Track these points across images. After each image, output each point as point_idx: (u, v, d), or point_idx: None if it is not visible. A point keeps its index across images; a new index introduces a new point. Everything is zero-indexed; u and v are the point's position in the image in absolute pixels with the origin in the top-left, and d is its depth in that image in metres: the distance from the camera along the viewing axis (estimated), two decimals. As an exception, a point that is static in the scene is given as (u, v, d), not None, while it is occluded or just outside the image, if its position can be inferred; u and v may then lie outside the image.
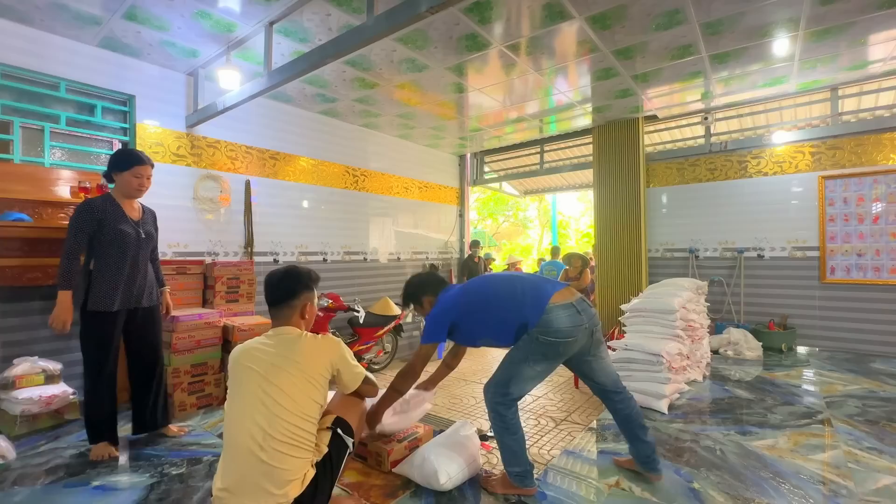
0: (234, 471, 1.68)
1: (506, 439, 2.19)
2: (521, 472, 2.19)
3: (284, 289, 1.94)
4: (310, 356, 1.83)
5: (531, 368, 2.16)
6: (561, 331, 2.09)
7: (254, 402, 1.72)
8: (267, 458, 1.65)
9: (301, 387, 1.76)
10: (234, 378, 1.81)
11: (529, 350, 2.15)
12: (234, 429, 1.73)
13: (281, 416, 1.69)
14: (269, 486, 1.64)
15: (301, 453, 1.72)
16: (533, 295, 2.19)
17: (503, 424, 2.18)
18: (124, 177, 2.61)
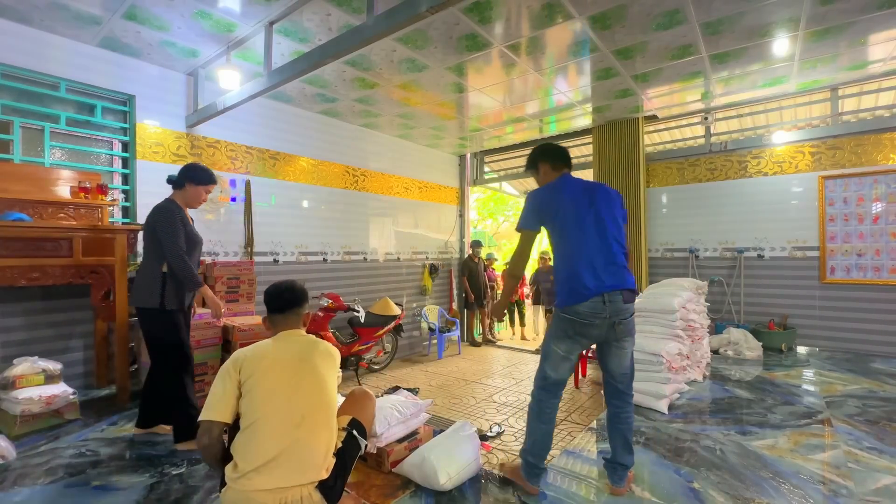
0: (266, 451, 1.69)
1: (533, 424, 2.27)
2: (533, 464, 2.23)
3: (293, 298, 2.02)
4: (328, 358, 1.95)
5: (558, 346, 2.21)
6: (579, 313, 2.12)
7: (289, 386, 1.78)
8: (302, 435, 1.71)
9: (326, 379, 1.88)
10: (262, 366, 1.82)
11: (556, 325, 2.22)
12: (268, 409, 1.74)
13: (317, 398, 1.80)
14: (302, 463, 1.70)
15: (330, 436, 1.80)
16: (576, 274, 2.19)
17: (537, 409, 2.26)
18: (198, 189, 2.77)
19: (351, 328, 5.01)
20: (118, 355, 3.44)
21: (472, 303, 7.17)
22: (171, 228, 2.58)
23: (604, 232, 2.19)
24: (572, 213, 2.22)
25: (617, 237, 2.22)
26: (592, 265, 2.14)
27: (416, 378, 5.11)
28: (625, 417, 2.27)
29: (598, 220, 2.21)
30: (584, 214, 2.21)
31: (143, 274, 2.67)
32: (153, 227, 2.62)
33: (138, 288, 2.66)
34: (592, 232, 2.19)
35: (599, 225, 2.20)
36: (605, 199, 2.28)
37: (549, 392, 2.25)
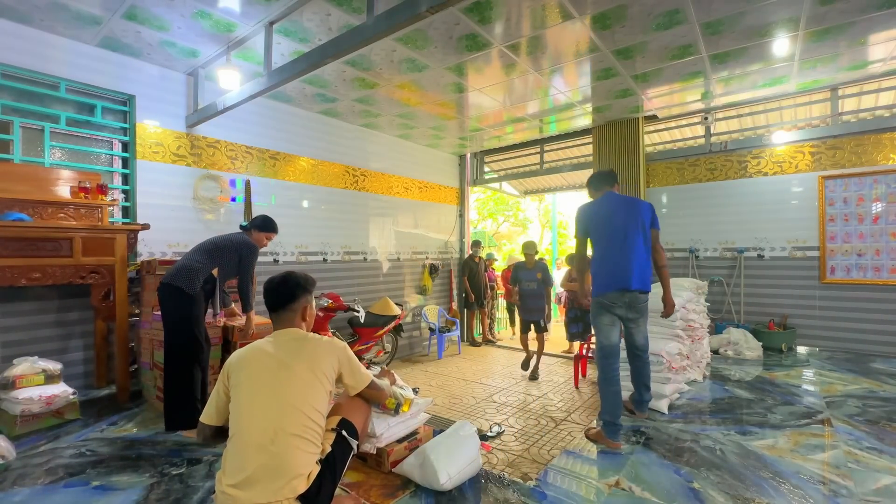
0: (243, 466, 1.67)
1: (603, 387, 2.86)
2: (611, 422, 2.74)
3: (283, 294, 1.97)
4: (317, 354, 1.87)
5: (600, 320, 2.93)
6: (605, 294, 2.89)
7: (264, 397, 1.74)
8: (277, 451, 1.66)
9: (310, 382, 1.79)
10: (242, 376, 1.81)
11: (594, 306, 2.97)
12: (244, 424, 1.73)
13: (292, 409, 1.72)
14: (277, 479, 1.64)
15: (310, 447, 1.73)
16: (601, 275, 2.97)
17: (602, 374, 2.88)
18: (261, 236, 3.39)
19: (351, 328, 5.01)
20: (118, 355, 3.44)
21: (472, 303, 7.16)
22: (254, 260, 3.26)
23: (625, 240, 2.92)
24: (605, 226, 2.99)
25: (639, 244, 2.94)
26: (614, 266, 2.90)
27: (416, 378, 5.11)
28: (645, 373, 3.11)
29: (625, 232, 2.93)
30: (615, 226, 2.96)
31: (193, 269, 2.97)
32: (240, 252, 3.17)
33: (185, 274, 2.94)
34: (618, 241, 2.92)
35: (626, 236, 2.92)
36: (636, 212, 3.02)
37: (609, 358, 2.86)
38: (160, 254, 4.07)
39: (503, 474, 2.44)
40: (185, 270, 2.94)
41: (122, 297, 3.43)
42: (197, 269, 2.96)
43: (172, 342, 2.90)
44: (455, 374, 5.28)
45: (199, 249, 3.11)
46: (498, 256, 9.49)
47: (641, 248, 2.94)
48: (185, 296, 2.88)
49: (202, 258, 3.03)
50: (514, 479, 2.39)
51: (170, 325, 2.92)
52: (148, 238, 3.93)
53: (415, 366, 5.78)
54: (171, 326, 2.91)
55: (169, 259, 3.89)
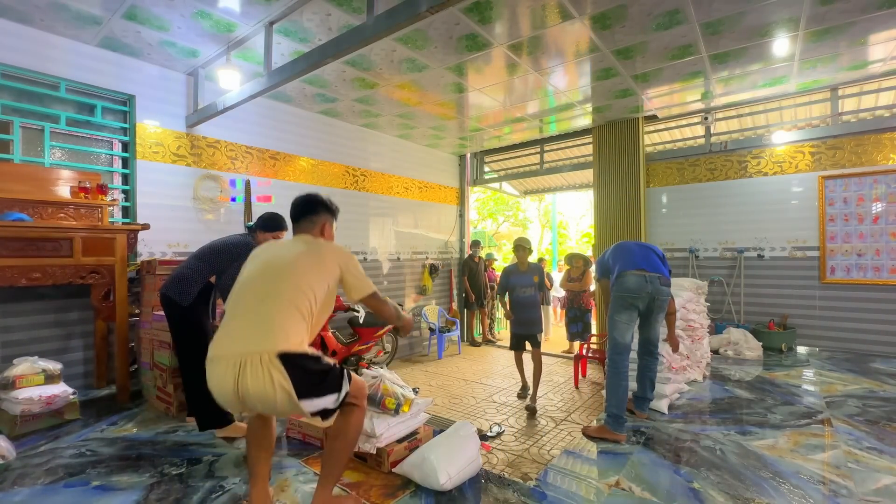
0: (229, 329, 1.71)
1: (612, 381, 2.93)
2: (617, 414, 2.83)
3: (308, 204, 2.07)
4: (323, 249, 1.93)
5: (619, 316, 2.98)
6: (630, 289, 2.95)
7: (264, 272, 1.83)
8: (265, 310, 1.70)
9: (311, 267, 1.84)
10: (249, 262, 1.93)
11: (614, 304, 3.01)
12: (240, 292, 1.81)
13: (289, 280, 1.77)
14: (259, 332, 1.65)
15: (299, 320, 1.72)
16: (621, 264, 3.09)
17: (614, 369, 2.95)
18: (267, 236, 2.96)
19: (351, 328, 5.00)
20: (118, 355, 3.44)
21: (472, 303, 7.16)
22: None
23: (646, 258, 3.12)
24: (628, 250, 3.20)
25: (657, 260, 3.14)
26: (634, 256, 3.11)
27: (416, 378, 5.11)
28: (654, 369, 3.21)
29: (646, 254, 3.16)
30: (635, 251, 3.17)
31: (185, 277, 2.78)
32: (238, 257, 2.67)
33: (176, 284, 2.78)
34: (639, 253, 3.13)
35: (646, 256, 3.13)
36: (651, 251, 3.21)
37: (622, 354, 2.96)
38: (160, 254, 4.07)
39: (503, 474, 2.44)
40: (177, 280, 2.79)
41: (122, 297, 3.43)
42: (189, 277, 2.77)
43: (179, 352, 2.84)
44: (455, 374, 5.28)
45: (194, 255, 2.92)
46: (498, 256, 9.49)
47: (659, 263, 3.16)
48: (178, 307, 2.73)
49: (196, 265, 2.82)
50: (514, 479, 2.39)
51: (173, 334, 2.85)
52: (148, 238, 3.93)
53: (415, 366, 5.78)
54: (175, 336, 2.85)
55: (169, 259, 3.89)
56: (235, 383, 1.61)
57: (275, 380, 1.58)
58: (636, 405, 3.23)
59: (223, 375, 1.64)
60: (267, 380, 1.58)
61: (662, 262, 3.15)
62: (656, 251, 3.22)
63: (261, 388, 1.59)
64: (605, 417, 2.90)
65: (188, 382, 2.83)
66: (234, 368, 1.61)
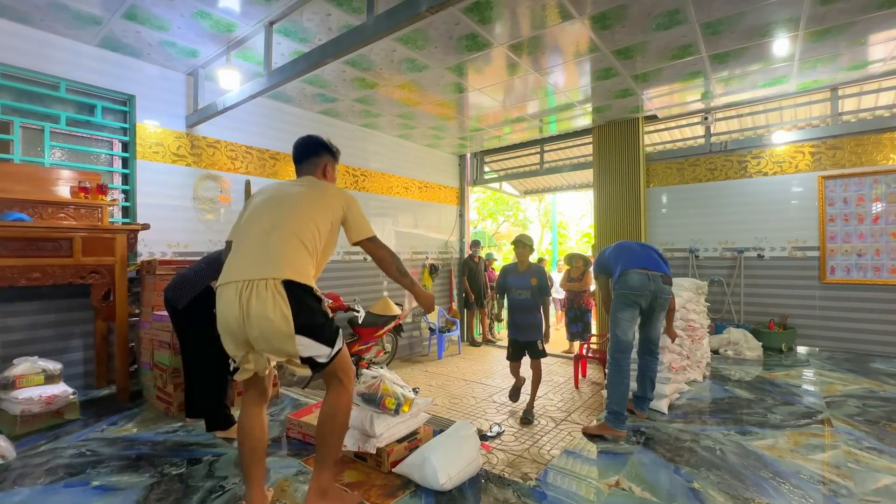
0: (236, 260, 1.78)
1: (614, 379, 2.94)
2: (618, 411, 2.84)
3: (309, 145, 2.11)
4: (328, 189, 1.99)
5: (622, 314, 2.97)
6: (633, 287, 2.95)
7: (270, 206, 1.89)
8: (272, 240, 1.77)
9: (315, 204, 1.90)
10: (255, 197, 1.99)
11: (616, 303, 3.01)
12: (245, 226, 1.87)
13: (294, 214, 1.84)
14: (265, 260, 1.72)
15: (303, 252, 1.79)
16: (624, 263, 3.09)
17: (616, 367, 2.95)
18: None
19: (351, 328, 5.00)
20: (118, 355, 3.44)
21: (472, 303, 7.16)
22: None
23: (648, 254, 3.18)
24: (628, 249, 3.23)
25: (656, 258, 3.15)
26: (636, 255, 3.13)
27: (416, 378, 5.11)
28: (654, 368, 3.19)
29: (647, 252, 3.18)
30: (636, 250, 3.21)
31: (185, 278, 2.77)
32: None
33: (173, 284, 2.77)
34: (640, 252, 3.15)
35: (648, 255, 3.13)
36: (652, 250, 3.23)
37: (624, 353, 2.96)
38: (160, 254, 4.07)
39: (503, 474, 2.44)
40: (177, 281, 2.77)
41: (122, 297, 3.43)
42: (189, 279, 2.74)
43: (181, 353, 2.83)
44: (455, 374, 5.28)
45: (204, 257, 2.87)
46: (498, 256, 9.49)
47: (661, 261, 3.19)
48: (174, 309, 2.73)
49: (199, 267, 2.78)
50: (514, 479, 2.39)
51: (178, 337, 2.84)
52: (148, 238, 3.93)
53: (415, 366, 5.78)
54: (178, 338, 2.84)
55: (169, 259, 3.89)
56: (241, 307, 1.68)
57: (276, 304, 1.66)
58: (636, 405, 3.23)
59: (231, 300, 1.70)
60: (269, 303, 1.66)
61: (663, 261, 3.17)
62: (656, 250, 3.25)
63: (262, 311, 1.66)
64: (606, 415, 2.92)
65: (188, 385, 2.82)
66: (240, 292, 1.69)
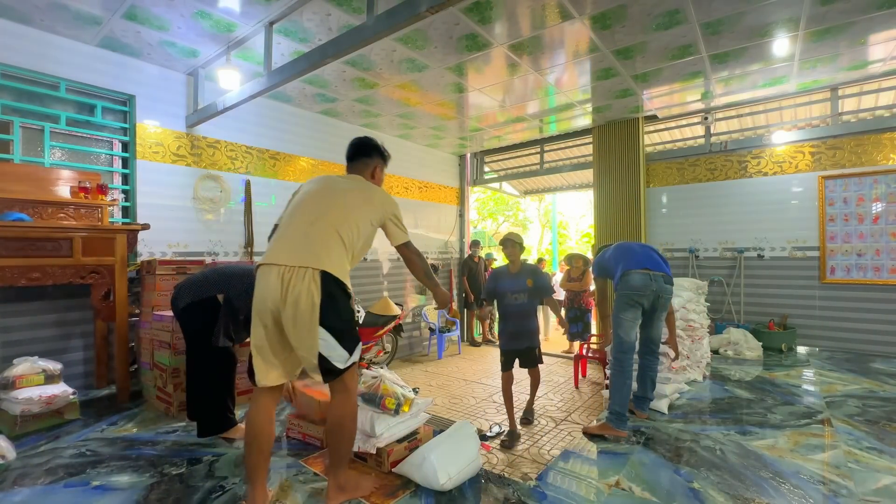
0: (279, 244, 1.94)
1: (617, 380, 2.94)
2: (620, 412, 2.86)
3: (363, 146, 2.25)
4: (375, 193, 2.13)
5: (625, 315, 2.98)
6: (635, 287, 2.96)
7: (316, 198, 2.03)
8: (314, 232, 1.92)
9: (360, 205, 2.04)
10: (307, 185, 2.13)
11: (619, 303, 3.01)
12: (293, 212, 2.02)
13: (338, 210, 1.98)
14: (306, 249, 1.88)
15: (341, 248, 1.93)
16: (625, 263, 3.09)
17: (619, 367, 2.96)
18: None
19: (351, 328, 4.99)
20: (118, 355, 3.44)
21: (472, 303, 7.16)
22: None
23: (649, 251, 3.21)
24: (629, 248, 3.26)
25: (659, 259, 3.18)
26: (637, 255, 3.14)
27: (416, 378, 5.11)
28: (655, 368, 3.22)
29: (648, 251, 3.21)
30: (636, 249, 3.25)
31: (192, 282, 2.78)
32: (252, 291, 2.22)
33: (179, 287, 2.80)
34: (642, 256, 3.12)
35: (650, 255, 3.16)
36: (652, 251, 3.24)
37: (627, 353, 2.96)
38: (160, 254, 4.07)
39: (503, 474, 2.44)
40: (184, 282, 2.79)
41: (122, 297, 3.43)
42: (196, 283, 2.77)
43: (186, 352, 2.83)
44: (455, 374, 5.28)
45: (217, 267, 2.89)
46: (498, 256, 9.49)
47: (661, 262, 3.20)
48: (176, 308, 2.74)
49: (211, 276, 2.79)
50: (514, 479, 2.39)
51: (183, 331, 2.84)
52: (148, 238, 3.93)
53: (415, 366, 5.78)
54: (184, 334, 2.84)
55: (169, 259, 3.89)
56: (282, 289, 1.83)
57: (310, 293, 1.82)
58: (637, 405, 3.23)
59: (273, 282, 1.85)
60: (304, 288, 1.82)
61: (663, 261, 3.19)
62: (656, 251, 3.26)
63: (297, 294, 1.81)
64: (608, 415, 2.92)
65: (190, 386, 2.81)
66: (282, 275, 1.84)
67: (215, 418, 2.75)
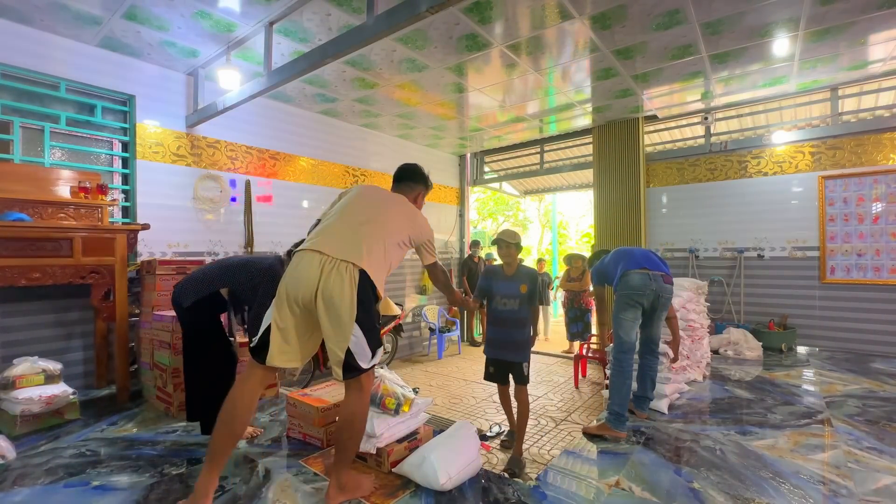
0: (329, 231, 2.02)
1: (616, 380, 2.93)
2: (619, 412, 2.84)
3: (411, 174, 2.41)
4: (418, 215, 2.26)
5: (625, 315, 2.99)
6: (635, 287, 2.96)
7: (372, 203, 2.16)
8: (362, 231, 2.00)
9: (404, 220, 2.17)
10: (352, 190, 2.26)
11: (619, 303, 3.02)
12: (346, 209, 2.11)
13: (385, 217, 2.11)
14: (351, 246, 1.95)
15: (381, 249, 2.01)
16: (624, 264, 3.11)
17: (619, 368, 2.94)
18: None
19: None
20: (118, 355, 3.44)
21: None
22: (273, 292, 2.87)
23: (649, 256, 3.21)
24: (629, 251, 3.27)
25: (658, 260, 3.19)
26: (636, 254, 3.19)
27: (416, 378, 5.11)
28: (655, 367, 3.22)
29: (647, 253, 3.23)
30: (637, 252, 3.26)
31: (195, 278, 2.73)
32: (258, 280, 2.58)
33: (183, 284, 2.73)
34: (641, 257, 3.14)
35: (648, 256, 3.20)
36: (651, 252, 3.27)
37: (628, 353, 2.95)
38: (160, 254, 4.07)
39: (503, 474, 2.44)
40: (187, 280, 2.76)
41: (122, 297, 3.43)
42: (200, 280, 2.73)
43: (183, 353, 2.81)
44: (455, 374, 5.28)
45: (218, 262, 2.84)
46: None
47: (661, 262, 3.24)
48: (179, 306, 2.70)
49: (214, 271, 2.76)
50: (514, 479, 2.39)
51: (183, 331, 2.82)
52: (148, 238, 3.93)
53: (415, 366, 5.78)
54: (183, 336, 2.81)
55: (169, 259, 3.89)
56: (321, 277, 1.88)
57: (350, 288, 1.87)
58: (636, 404, 3.23)
59: (313, 267, 1.90)
60: (343, 282, 1.87)
61: (662, 262, 3.19)
62: (655, 254, 3.27)
63: (336, 288, 1.86)
64: (608, 415, 2.92)
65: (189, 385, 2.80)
66: (323, 265, 1.89)
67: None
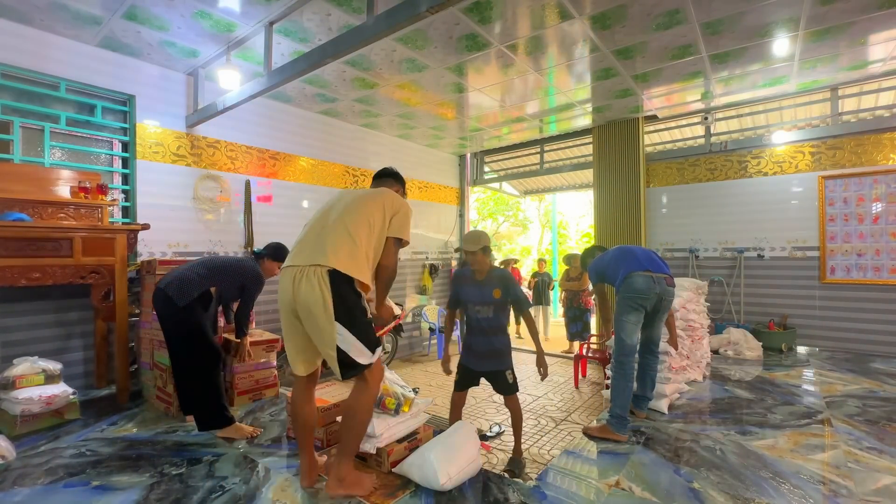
0: (297, 249, 2.07)
1: (618, 382, 2.92)
2: (621, 415, 2.84)
3: (388, 173, 2.54)
4: (387, 194, 2.26)
5: (627, 318, 2.96)
6: (639, 290, 2.93)
7: (334, 206, 2.17)
8: (327, 233, 2.03)
9: (373, 201, 2.17)
10: (332, 199, 2.28)
11: (622, 306, 2.99)
12: (312, 222, 2.16)
13: (352, 212, 2.09)
14: (319, 250, 1.99)
15: (349, 241, 2.02)
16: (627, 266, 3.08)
17: (621, 370, 2.93)
18: (273, 265, 3.24)
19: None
20: (118, 355, 3.44)
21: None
22: (257, 291, 3.15)
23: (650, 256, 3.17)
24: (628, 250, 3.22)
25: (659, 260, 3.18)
26: (639, 255, 3.14)
27: (416, 378, 5.11)
28: (655, 368, 3.23)
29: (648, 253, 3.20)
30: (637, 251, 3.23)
31: (189, 280, 2.81)
32: (244, 280, 3.04)
33: (177, 284, 2.79)
34: (643, 259, 3.10)
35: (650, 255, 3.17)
36: (653, 253, 3.23)
37: (630, 356, 2.94)
38: (160, 254, 4.07)
39: (503, 474, 2.44)
40: (179, 280, 2.78)
41: (122, 297, 3.43)
42: (193, 281, 2.79)
43: (173, 351, 2.81)
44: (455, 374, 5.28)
45: (204, 263, 2.95)
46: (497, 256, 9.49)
47: (663, 264, 3.23)
48: (174, 305, 2.73)
49: (203, 272, 2.86)
50: (514, 479, 2.39)
51: (165, 332, 2.82)
52: (148, 238, 3.94)
53: (415, 366, 5.78)
54: (169, 335, 2.82)
55: (169, 259, 3.89)
56: (293, 290, 1.96)
57: (320, 290, 1.91)
58: (636, 404, 3.23)
59: (287, 284, 2.01)
60: (316, 289, 1.91)
61: (664, 264, 3.18)
62: (656, 254, 3.27)
63: (308, 295, 1.92)
64: (609, 418, 2.91)
65: (182, 382, 2.83)
66: (294, 276, 1.97)
67: (215, 413, 2.79)
